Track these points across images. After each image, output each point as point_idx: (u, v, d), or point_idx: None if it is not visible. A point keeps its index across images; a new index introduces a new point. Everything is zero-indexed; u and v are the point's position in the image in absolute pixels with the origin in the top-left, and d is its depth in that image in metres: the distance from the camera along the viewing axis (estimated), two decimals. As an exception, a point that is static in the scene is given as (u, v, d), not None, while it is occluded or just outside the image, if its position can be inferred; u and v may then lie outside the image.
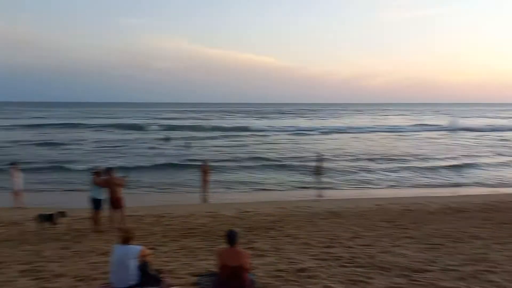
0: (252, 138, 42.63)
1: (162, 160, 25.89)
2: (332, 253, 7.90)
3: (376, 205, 14.10)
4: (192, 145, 34.75)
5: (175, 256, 7.90)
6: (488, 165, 25.12)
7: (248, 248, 7.64)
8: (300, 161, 25.98)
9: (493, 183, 20.17)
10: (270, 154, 29.52)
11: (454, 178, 21.31)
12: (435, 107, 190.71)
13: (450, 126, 58.38)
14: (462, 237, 9.16)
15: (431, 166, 24.50)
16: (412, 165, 24.83)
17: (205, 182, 16.26)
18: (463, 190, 18.43)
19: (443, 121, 68.35)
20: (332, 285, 6.07)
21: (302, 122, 70.60)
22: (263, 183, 19.91)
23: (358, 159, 27.30)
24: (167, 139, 39.75)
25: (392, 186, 19.46)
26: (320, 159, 18.85)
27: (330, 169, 21.87)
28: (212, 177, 17.31)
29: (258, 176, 21.71)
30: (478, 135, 47.54)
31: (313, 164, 19.97)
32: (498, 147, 35.10)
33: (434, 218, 11.77)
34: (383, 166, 24.75)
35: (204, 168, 16.43)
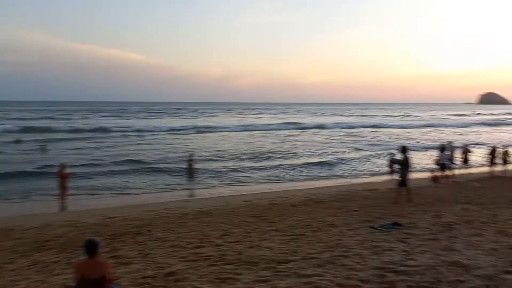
0: (118, 139, 40.45)
1: (10, 168, 22.76)
2: (201, 253, 7.85)
3: (244, 201, 14.52)
4: (48, 148, 31.52)
5: (25, 273, 6.99)
6: (342, 159, 27.90)
7: (112, 256, 7.16)
8: (169, 162, 25.50)
9: (346, 174, 22.45)
10: (138, 156, 28.28)
11: (315, 172, 23.13)
12: (298, 106, 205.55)
13: (308, 124, 63.98)
14: (321, 226, 9.95)
15: (296, 163, 26.27)
16: (279, 161, 26.31)
17: (63, 188, 14.85)
18: (321, 182, 20.12)
19: (306, 120, 74.25)
20: (201, 285, 6.01)
21: (173, 122, 69.52)
22: (131, 187, 18.91)
23: (229, 158, 27.88)
24: (17, 142, 35.46)
25: (260, 182, 20.26)
26: (191, 158, 18.74)
27: (201, 169, 21.90)
28: (72, 183, 15.90)
29: (125, 179, 20.58)
30: (330, 131, 53.04)
31: (185, 164, 19.77)
32: (350, 142, 39.33)
33: (296, 210, 12.57)
34: (252, 163, 25.68)
35: (62, 173, 15.00)
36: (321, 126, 61.35)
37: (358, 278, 5.52)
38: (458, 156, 21.11)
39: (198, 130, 52.96)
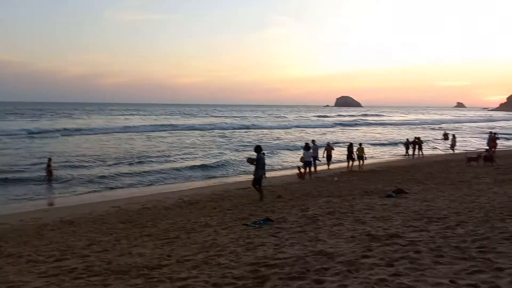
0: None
1: None
2: (64, 266, 7.08)
3: (113, 207, 13.68)
4: None
5: None
6: (216, 159, 28.18)
7: None
8: (24, 170, 22.76)
9: (220, 175, 22.67)
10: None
11: (189, 173, 22.87)
12: (171, 107, 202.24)
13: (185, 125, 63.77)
14: (195, 227, 9.83)
15: (169, 165, 25.69)
16: (150, 164, 25.42)
17: None
18: (195, 183, 20.02)
19: (178, 121, 73.35)
20: (63, 303, 5.40)
21: (31, 123, 62.41)
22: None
23: (95, 162, 25.96)
24: None
25: (131, 186, 19.25)
26: (49, 164, 16.98)
27: (62, 175, 20.00)
28: None
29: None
30: (203, 133, 53.55)
31: (43, 170, 17.81)
32: (222, 143, 39.99)
33: (170, 213, 12.26)
34: (121, 167, 24.35)
35: None
36: (193, 128, 61.45)
37: (233, 276, 5.54)
38: (321, 153, 22.99)
39: (61, 132, 48.46)
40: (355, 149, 23.16)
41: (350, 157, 22.83)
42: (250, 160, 14.39)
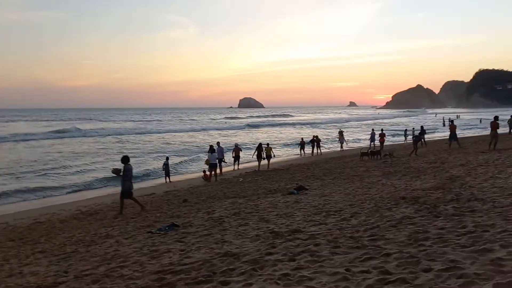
0: None
1: None
2: None
3: (-1, 224, 12.33)
4: None
5: None
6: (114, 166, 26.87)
7: None
8: None
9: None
10: None
11: (85, 181, 21.48)
12: (62, 112, 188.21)
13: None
14: (95, 239, 9.27)
15: (62, 173, 23.91)
16: (43, 174, 23.43)
17: None
18: (94, 192, 18.89)
19: (69, 125, 68.48)
20: None
21: None
22: None
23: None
24: None
25: (20, 200, 17.49)
26: None
27: None
28: None
29: None
30: (97, 139, 50.77)
31: None
32: (122, 149, 38.32)
33: (66, 225, 11.43)
34: (7, 178, 22.08)
35: None
36: (88, 134, 57.80)
37: (137, 286, 5.33)
38: (226, 155, 23.25)
39: None
40: (264, 148, 24.05)
41: (259, 156, 23.57)
42: (115, 171, 13.28)
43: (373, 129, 34.46)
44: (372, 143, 31.71)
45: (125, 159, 13.21)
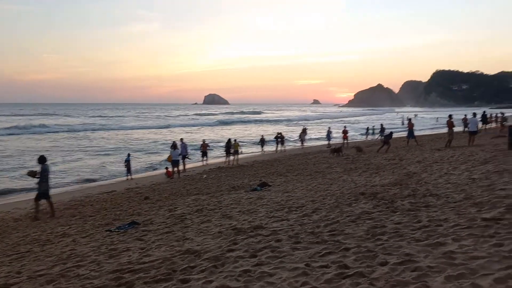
0: None
1: None
2: None
3: None
4: None
5: None
6: (72, 164, 26.10)
7: None
8: None
9: (80, 179, 21.04)
10: None
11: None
12: (16, 107, 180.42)
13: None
14: (51, 238, 8.95)
15: (16, 170, 22.94)
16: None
17: None
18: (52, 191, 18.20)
19: (23, 122, 65.77)
20: None
21: None
22: None
23: None
24: None
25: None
26: None
27: None
28: None
29: None
30: (52, 135, 49.12)
31: None
32: (79, 146, 37.20)
33: (20, 224, 10.99)
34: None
35: None
36: (44, 130, 55.51)
37: (93, 286, 5.17)
38: (190, 151, 23.09)
39: None
40: (232, 144, 24.87)
41: (228, 152, 24.43)
42: (31, 173, 12.52)
43: (329, 128, 35.22)
44: (329, 141, 32.42)
45: (41, 159, 12.45)
